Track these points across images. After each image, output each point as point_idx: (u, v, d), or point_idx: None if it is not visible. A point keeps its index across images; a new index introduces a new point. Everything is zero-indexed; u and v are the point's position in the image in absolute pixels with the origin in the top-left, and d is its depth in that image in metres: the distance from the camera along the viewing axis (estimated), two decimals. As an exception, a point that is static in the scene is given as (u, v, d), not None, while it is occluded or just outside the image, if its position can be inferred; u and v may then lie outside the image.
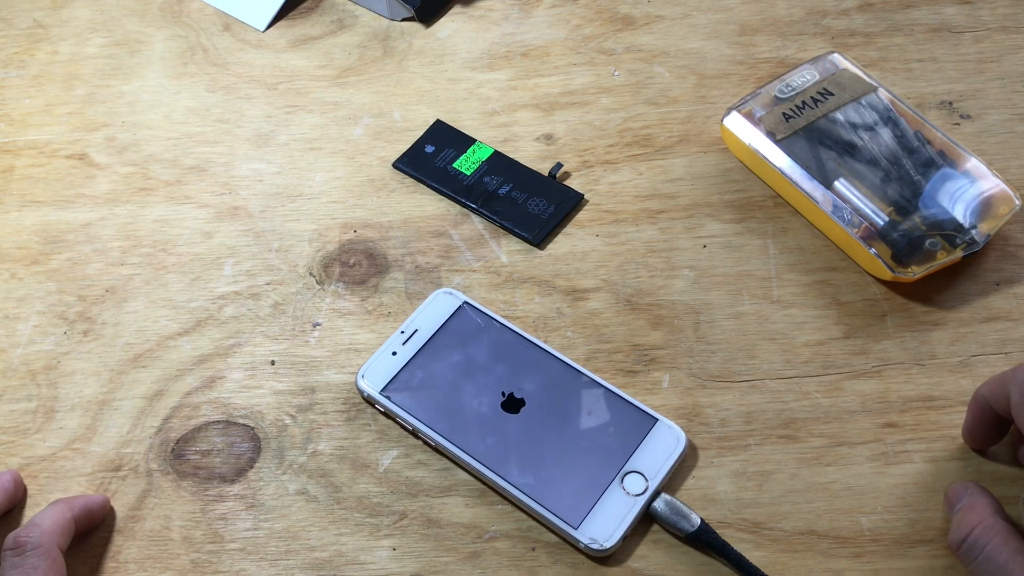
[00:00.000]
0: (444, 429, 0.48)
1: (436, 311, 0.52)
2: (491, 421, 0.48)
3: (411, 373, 0.49)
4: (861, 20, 0.65)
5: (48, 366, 0.53)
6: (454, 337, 0.51)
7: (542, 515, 0.45)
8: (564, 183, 0.58)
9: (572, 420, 0.48)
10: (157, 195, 0.60)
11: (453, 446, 0.47)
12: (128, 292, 0.56)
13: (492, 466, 0.46)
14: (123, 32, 0.68)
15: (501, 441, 0.47)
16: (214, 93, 0.65)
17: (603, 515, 0.45)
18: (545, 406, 0.48)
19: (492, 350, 0.50)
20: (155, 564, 0.46)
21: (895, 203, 0.53)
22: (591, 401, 0.48)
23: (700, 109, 0.62)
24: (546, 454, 0.47)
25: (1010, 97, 0.60)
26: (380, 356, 0.50)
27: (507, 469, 0.46)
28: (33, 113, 0.64)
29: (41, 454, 0.50)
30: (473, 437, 0.47)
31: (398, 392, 0.49)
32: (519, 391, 0.49)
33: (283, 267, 0.56)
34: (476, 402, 0.48)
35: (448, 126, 0.61)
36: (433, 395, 0.49)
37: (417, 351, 0.50)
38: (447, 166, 0.59)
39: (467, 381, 0.49)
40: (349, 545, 0.47)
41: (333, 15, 0.69)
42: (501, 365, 0.50)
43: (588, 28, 0.66)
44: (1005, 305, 0.52)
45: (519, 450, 0.47)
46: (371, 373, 0.50)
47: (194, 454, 0.50)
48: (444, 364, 0.50)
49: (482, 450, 0.47)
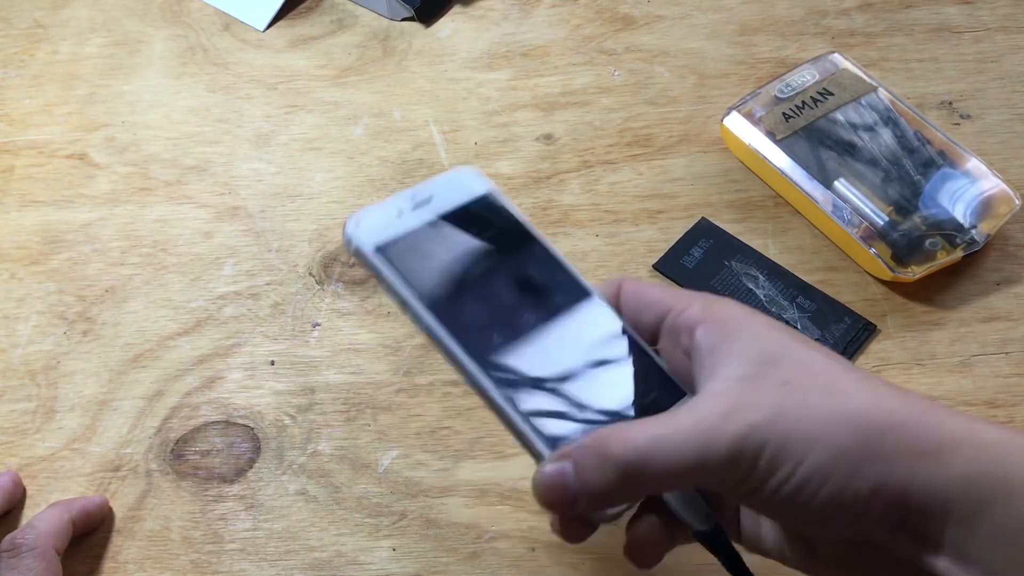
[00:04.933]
0: (439, 313, 0.39)
1: (457, 187, 0.43)
2: (496, 326, 0.40)
3: (413, 241, 0.41)
4: (861, 20, 0.65)
5: (48, 366, 0.53)
6: (472, 223, 0.42)
7: (520, 432, 0.37)
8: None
9: (590, 360, 0.39)
10: (157, 195, 0.60)
11: (446, 333, 0.39)
12: (128, 292, 0.56)
13: (482, 365, 0.39)
14: (123, 32, 0.68)
15: (502, 344, 0.39)
16: (214, 93, 0.65)
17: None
18: (562, 337, 0.40)
19: (511, 253, 0.42)
20: (154, 564, 0.46)
21: (895, 203, 0.53)
22: (618, 350, 0.39)
23: (700, 109, 0.61)
24: (547, 382, 0.39)
25: (1010, 97, 0.60)
26: (382, 211, 0.41)
27: (497, 372, 0.38)
28: (33, 113, 0.64)
29: (40, 454, 0.50)
30: (471, 332, 0.39)
31: (395, 255, 0.41)
32: (535, 308, 0.40)
33: (283, 267, 0.56)
34: (482, 302, 0.41)
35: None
36: (433, 274, 0.41)
37: (426, 221, 0.41)
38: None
39: (476, 275, 0.41)
40: (349, 545, 0.47)
41: (333, 15, 0.69)
42: (518, 272, 0.41)
43: (588, 28, 0.66)
44: (1005, 305, 0.52)
45: (519, 360, 0.39)
46: (368, 225, 0.41)
47: (194, 454, 0.50)
48: (453, 247, 0.42)
49: (477, 346, 0.39)
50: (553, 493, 0.33)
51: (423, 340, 0.40)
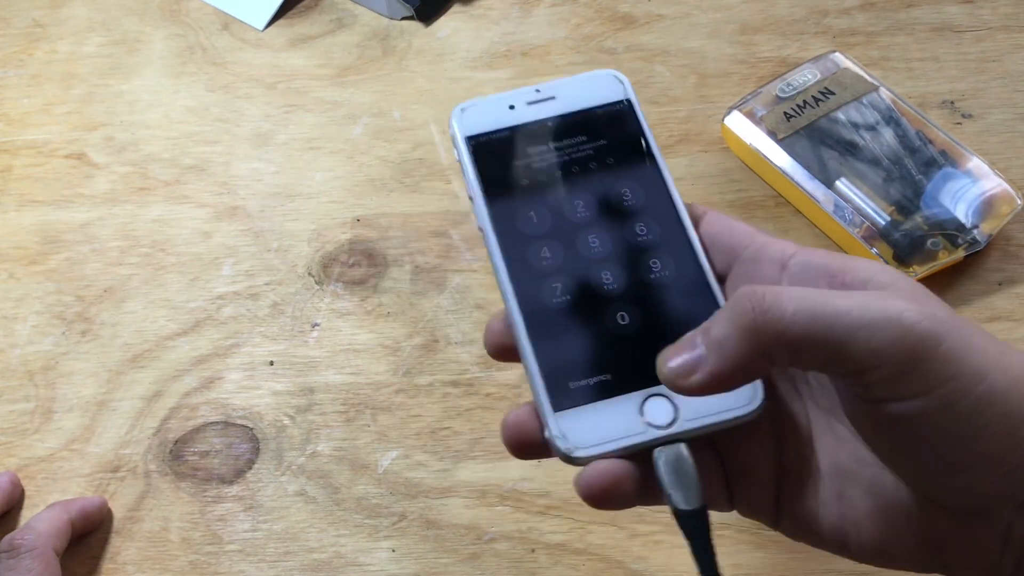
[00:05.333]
0: (505, 225, 0.36)
1: (588, 90, 0.39)
2: (565, 244, 0.36)
3: (516, 138, 0.38)
4: (862, 19, 0.65)
5: (46, 366, 0.53)
6: (592, 132, 0.38)
7: (530, 375, 0.34)
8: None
9: (652, 295, 0.35)
10: (156, 195, 0.60)
11: (499, 250, 0.36)
12: (126, 292, 0.56)
13: (520, 289, 0.35)
14: (122, 31, 0.68)
15: (557, 272, 0.36)
16: (213, 92, 0.64)
17: (595, 418, 0.33)
18: (631, 265, 0.36)
19: (614, 170, 0.38)
20: (153, 565, 0.46)
21: (897, 203, 0.53)
22: (689, 290, 0.35)
23: (701, 108, 0.61)
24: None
25: (1012, 96, 0.60)
26: (495, 102, 0.38)
27: (533, 303, 0.35)
28: (31, 112, 0.64)
29: (39, 455, 0.50)
30: (531, 250, 0.36)
31: (487, 149, 0.37)
32: (625, 234, 0.36)
33: (282, 267, 0.56)
34: (568, 219, 0.36)
35: None
36: (522, 180, 0.37)
37: (541, 119, 0.38)
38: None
39: (561, 188, 0.37)
40: (348, 546, 0.46)
41: (332, 14, 0.69)
42: (610, 191, 0.37)
43: (588, 27, 0.66)
44: (1007, 305, 0.52)
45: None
46: (474, 114, 0.38)
47: (192, 455, 0.49)
48: (560, 156, 0.38)
49: (526, 268, 0.35)
50: (681, 361, 0.29)
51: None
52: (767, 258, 0.33)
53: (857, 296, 0.28)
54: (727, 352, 0.28)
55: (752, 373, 0.30)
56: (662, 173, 0.38)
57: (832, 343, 0.27)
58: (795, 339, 0.28)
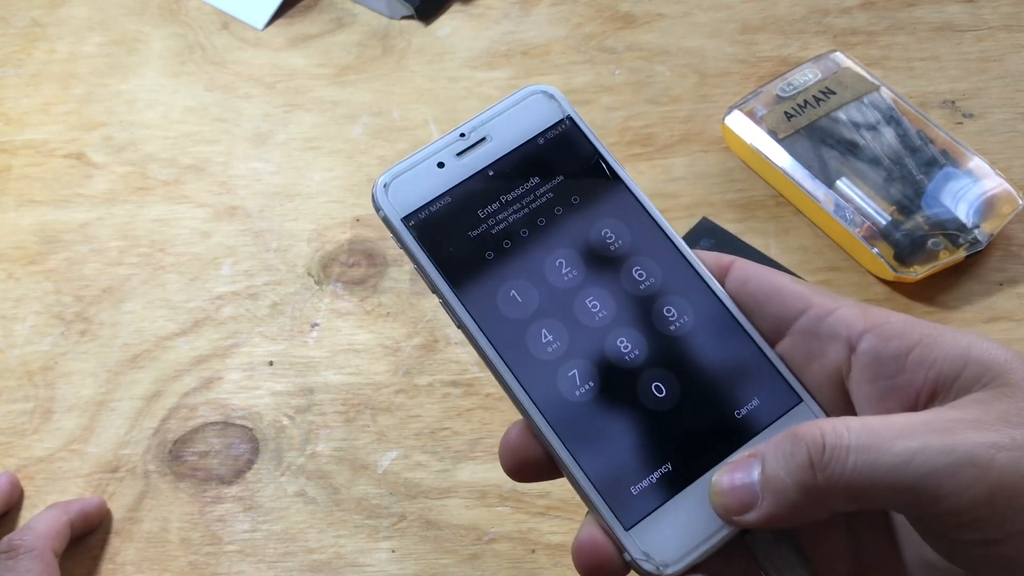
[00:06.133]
0: (488, 315, 0.31)
1: (521, 118, 0.33)
2: (563, 318, 0.31)
3: (460, 201, 0.32)
4: (863, 18, 0.65)
5: (45, 367, 0.53)
6: (543, 170, 0.32)
7: (581, 489, 0.29)
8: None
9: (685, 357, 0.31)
10: (155, 195, 0.60)
11: (492, 348, 0.30)
12: (125, 292, 0.55)
13: (534, 391, 0.30)
14: (121, 31, 0.68)
15: (568, 357, 0.31)
16: (212, 92, 0.64)
17: (671, 520, 0.29)
18: (645, 321, 0.31)
19: (597, 216, 0.32)
20: (153, 566, 0.46)
21: (897, 202, 0.53)
22: (714, 331, 0.31)
23: (701, 108, 0.61)
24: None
25: (1013, 96, 0.60)
26: (421, 163, 0.32)
27: (556, 404, 0.30)
28: (30, 112, 0.64)
29: (38, 455, 0.50)
30: (529, 336, 0.31)
31: (431, 225, 0.31)
32: (624, 285, 0.32)
33: (281, 267, 0.56)
34: (555, 286, 0.31)
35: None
36: (485, 253, 0.31)
37: (480, 170, 0.32)
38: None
39: (549, 250, 0.32)
40: (348, 547, 0.46)
41: (332, 13, 0.68)
42: (604, 242, 0.32)
43: (589, 26, 0.66)
44: (1008, 305, 0.52)
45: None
46: (401, 185, 0.32)
47: (192, 455, 0.49)
48: (518, 211, 0.32)
49: (531, 362, 0.30)
50: (735, 496, 0.27)
51: (461, 336, 0.32)
52: (830, 333, 0.29)
53: (921, 431, 0.25)
54: (784, 501, 0.26)
55: (813, 516, 0.27)
56: (635, 196, 0.32)
57: (898, 495, 0.25)
58: (857, 493, 0.25)
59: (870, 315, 0.28)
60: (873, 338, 0.28)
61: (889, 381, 0.27)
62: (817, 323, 0.29)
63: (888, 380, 0.28)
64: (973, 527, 0.25)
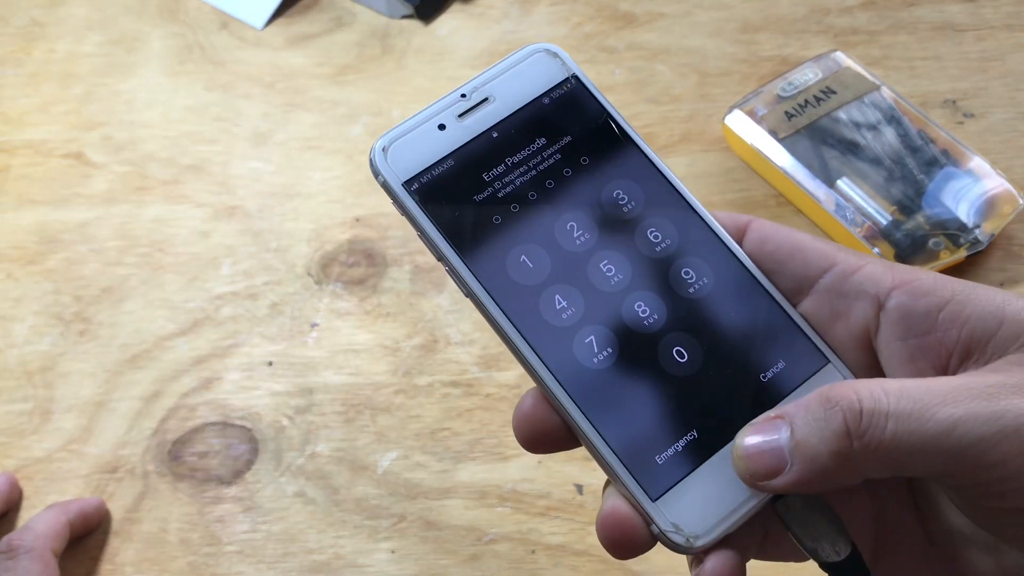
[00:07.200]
0: (499, 282, 0.29)
1: (523, 78, 0.31)
2: (577, 283, 0.30)
3: (463, 164, 0.30)
4: (864, 18, 0.65)
5: (44, 367, 0.53)
6: (549, 131, 0.31)
7: (604, 460, 0.28)
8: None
9: (705, 321, 0.30)
10: (154, 194, 0.59)
11: (503, 315, 0.29)
12: (125, 292, 0.55)
13: (550, 358, 0.29)
14: (120, 30, 0.68)
15: (583, 323, 0.29)
16: (211, 91, 0.64)
17: (699, 490, 0.28)
18: (662, 284, 0.30)
19: (608, 177, 0.31)
20: (152, 566, 0.46)
21: (898, 202, 0.53)
22: (732, 289, 0.30)
23: (702, 107, 0.61)
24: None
25: (1014, 96, 0.60)
26: (421, 125, 0.31)
27: (574, 373, 0.28)
28: (29, 112, 0.64)
29: (37, 456, 0.50)
30: (542, 303, 0.29)
31: (434, 190, 0.30)
32: (639, 248, 0.30)
33: (281, 267, 0.56)
34: (567, 250, 0.30)
35: None
36: (493, 218, 0.30)
37: (484, 131, 0.31)
38: None
39: (559, 213, 0.30)
40: (347, 548, 0.46)
41: (332, 13, 0.68)
42: (616, 203, 0.31)
43: (589, 26, 0.66)
44: (1009, 305, 0.52)
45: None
46: (400, 149, 0.30)
47: (191, 456, 0.49)
48: (525, 173, 0.31)
49: (546, 329, 0.29)
50: (761, 460, 0.26)
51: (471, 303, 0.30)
52: (856, 291, 0.28)
53: (964, 397, 0.24)
54: (816, 467, 0.25)
55: (845, 483, 0.26)
56: (647, 155, 0.32)
57: (939, 463, 0.24)
58: (896, 461, 0.24)
59: (898, 272, 0.27)
60: (903, 295, 0.27)
61: (920, 339, 0.26)
62: (842, 281, 0.28)
63: (919, 338, 0.26)
64: (1016, 495, 0.24)
